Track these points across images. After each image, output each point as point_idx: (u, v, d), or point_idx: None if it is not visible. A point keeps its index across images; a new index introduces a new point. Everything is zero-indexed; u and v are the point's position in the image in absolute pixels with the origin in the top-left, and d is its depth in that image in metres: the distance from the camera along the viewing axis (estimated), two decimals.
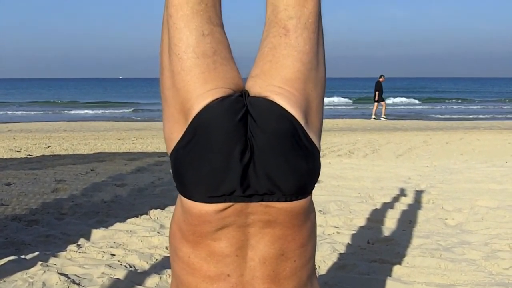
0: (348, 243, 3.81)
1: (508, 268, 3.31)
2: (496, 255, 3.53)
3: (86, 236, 3.90)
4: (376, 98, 20.05)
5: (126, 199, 5.20)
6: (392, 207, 4.92)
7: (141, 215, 4.51)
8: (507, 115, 24.44)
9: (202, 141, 1.24)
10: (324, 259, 3.44)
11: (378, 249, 3.71)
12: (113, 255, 3.50)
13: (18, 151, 9.17)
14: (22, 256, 3.39)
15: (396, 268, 3.29)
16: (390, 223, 4.40)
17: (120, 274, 3.10)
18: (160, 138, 11.46)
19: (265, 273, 1.30)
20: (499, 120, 20.71)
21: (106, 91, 55.73)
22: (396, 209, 4.87)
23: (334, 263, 3.40)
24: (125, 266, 3.26)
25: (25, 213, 4.57)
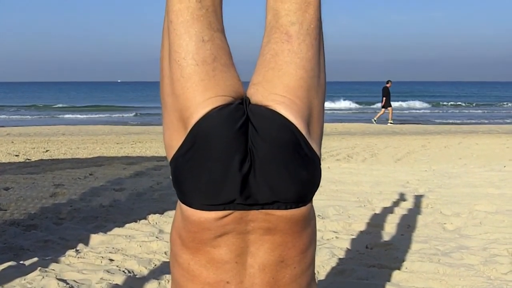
0: (347, 248, 3.81)
1: (507, 273, 3.31)
2: (494, 260, 3.53)
3: (85, 241, 3.89)
4: (383, 104, 20.14)
5: (124, 203, 5.19)
6: (390, 212, 4.92)
7: (139, 220, 4.50)
8: (505, 119, 24.47)
9: (201, 150, 1.24)
10: (323, 264, 3.44)
11: (376, 254, 3.71)
12: (111, 260, 3.49)
13: (16, 155, 9.15)
14: (21, 262, 3.39)
15: (394, 273, 3.29)
16: (389, 227, 4.40)
17: (119, 279, 3.10)
18: (159, 142, 11.46)
19: (265, 280, 1.30)
20: (497, 124, 20.73)
21: (106, 95, 55.57)
22: (394, 213, 4.87)
23: (332, 268, 3.40)
24: (124, 271, 3.26)
25: (24, 218, 4.56)
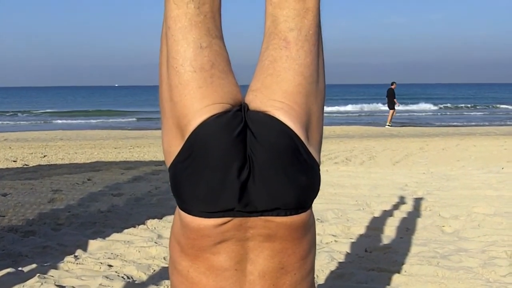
0: (346, 251, 3.81)
1: (506, 275, 3.31)
2: (493, 263, 3.53)
3: (83, 247, 3.89)
4: (391, 105, 20.34)
5: (123, 208, 5.19)
6: (389, 215, 4.92)
7: (138, 225, 4.50)
8: (503, 121, 24.50)
9: (199, 158, 1.24)
10: (322, 268, 3.44)
11: (375, 257, 3.71)
12: (110, 266, 3.49)
13: (14, 161, 9.14)
14: (19, 268, 3.38)
15: (394, 276, 3.29)
16: (388, 231, 4.40)
17: (118, 285, 3.09)
18: (157, 147, 11.45)
19: (265, 287, 1.30)
20: (495, 126, 20.77)
21: (103, 100, 55.45)
22: (393, 216, 4.87)
23: (332, 272, 3.40)
24: (122, 277, 3.25)
25: (22, 224, 4.55)
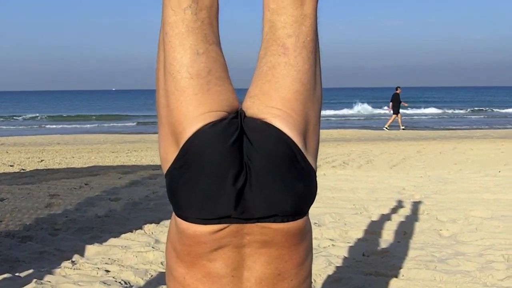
0: (344, 255, 3.81)
1: (503, 279, 3.31)
2: (490, 266, 3.53)
3: (81, 252, 3.88)
4: (397, 109, 20.52)
5: (120, 213, 5.18)
6: (387, 219, 4.93)
7: (135, 230, 4.49)
8: (500, 124, 24.55)
9: (195, 166, 1.24)
10: (319, 272, 3.43)
11: (373, 261, 3.71)
12: (107, 271, 3.48)
13: (11, 166, 9.12)
14: (16, 274, 3.37)
15: (391, 281, 3.29)
16: (385, 235, 4.40)
17: None
18: (154, 151, 11.44)
19: None
20: (492, 129, 20.80)
21: (102, 104, 55.32)
22: (391, 220, 4.87)
23: (329, 276, 3.40)
24: (120, 282, 3.25)
25: (19, 229, 4.54)
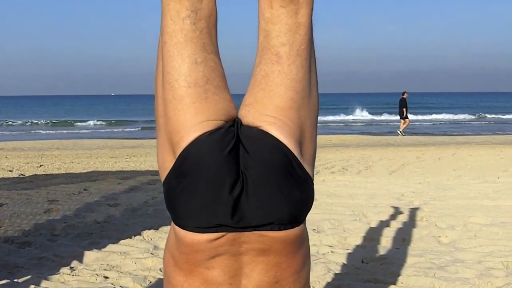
0: (343, 262, 3.81)
1: (502, 286, 3.31)
2: (489, 273, 3.53)
3: (79, 258, 3.87)
4: (404, 115, 20.65)
5: (119, 219, 5.17)
6: (386, 225, 4.92)
7: (134, 236, 4.48)
8: (499, 130, 24.57)
9: (192, 175, 1.25)
10: (318, 279, 3.43)
11: (372, 268, 3.70)
12: (106, 277, 3.47)
13: (10, 171, 9.12)
14: (15, 280, 3.36)
15: None
16: (384, 241, 4.40)
17: None
18: (153, 156, 11.44)
19: None
20: (491, 135, 20.82)
21: (103, 108, 55.26)
22: (389, 227, 4.87)
23: (328, 283, 3.39)
24: None
25: (18, 234, 4.54)
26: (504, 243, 4.28)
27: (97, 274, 3.51)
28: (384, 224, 4.96)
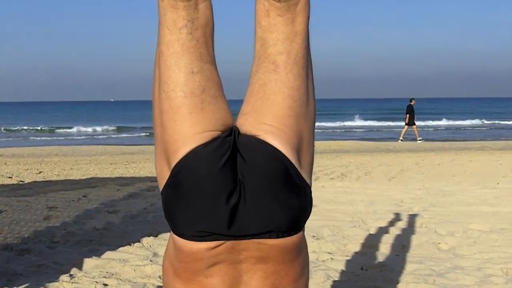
0: (342, 269, 3.80)
1: None
2: (489, 280, 3.53)
3: (79, 265, 3.87)
4: (407, 121, 20.69)
5: (118, 226, 5.17)
6: (385, 232, 4.92)
7: (133, 243, 4.48)
8: (498, 136, 24.58)
9: (188, 186, 1.25)
10: (318, 286, 3.43)
11: (371, 275, 3.70)
12: (106, 285, 3.47)
13: (9, 177, 9.11)
14: (14, 287, 3.36)
15: None
16: (384, 248, 4.39)
17: None
18: (152, 162, 11.43)
19: None
20: (490, 141, 20.83)
21: (103, 115, 55.14)
22: (389, 233, 4.87)
23: None
24: None
25: (17, 242, 4.53)
26: (504, 250, 4.28)
27: (96, 282, 3.50)
28: (383, 231, 4.96)
